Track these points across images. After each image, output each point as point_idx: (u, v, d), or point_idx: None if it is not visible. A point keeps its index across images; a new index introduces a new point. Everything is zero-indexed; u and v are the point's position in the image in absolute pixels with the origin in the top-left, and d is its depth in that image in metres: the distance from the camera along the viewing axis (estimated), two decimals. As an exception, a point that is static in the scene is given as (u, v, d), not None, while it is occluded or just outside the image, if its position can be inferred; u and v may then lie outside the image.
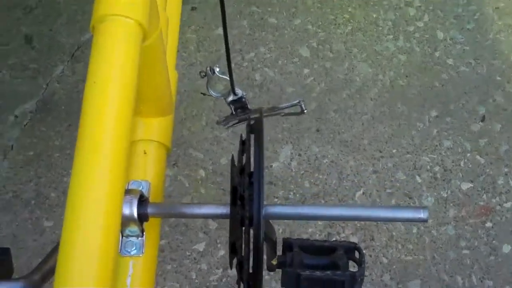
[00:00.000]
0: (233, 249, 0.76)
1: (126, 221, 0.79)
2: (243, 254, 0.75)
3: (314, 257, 0.80)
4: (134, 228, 0.83)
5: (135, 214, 0.78)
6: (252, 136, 0.81)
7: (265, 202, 0.75)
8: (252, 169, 0.76)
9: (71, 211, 0.55)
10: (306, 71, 1.87)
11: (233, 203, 0.76)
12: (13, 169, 1.67)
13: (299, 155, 1.70)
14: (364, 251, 0.84)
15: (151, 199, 0.90)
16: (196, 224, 1.59)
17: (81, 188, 0.57)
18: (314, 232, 1.58)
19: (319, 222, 1.59)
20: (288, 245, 0.82)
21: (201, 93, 1.28)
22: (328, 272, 0.77)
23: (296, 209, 0.82)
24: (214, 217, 0.82)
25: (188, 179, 1.66)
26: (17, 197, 1.63)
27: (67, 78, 1.84)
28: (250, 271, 0.75)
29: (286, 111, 1.14)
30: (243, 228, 0.75)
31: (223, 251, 1.55)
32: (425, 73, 1.88)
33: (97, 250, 0.54)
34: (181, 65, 1.85)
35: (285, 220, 1.59)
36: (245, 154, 0.80)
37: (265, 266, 0.77)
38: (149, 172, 0.96)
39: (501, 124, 1.78)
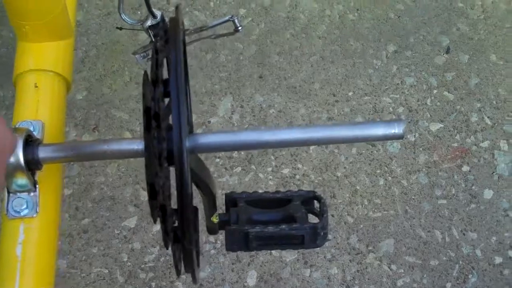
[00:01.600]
0: (153, 193, 0.58)
1: (11, 170, 0.65)
2: (164, 196, 0.59)
3: (265, 212, 0.69)
4: (23, 180, 0.68)
5: (21, 160, 0.64)
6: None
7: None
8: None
9: None
10: (242, 11, 1.62)
11: (147, 128, 0.58)
12: None
13: (241, 106, 1.46)
14: (325, 200, 0.66)
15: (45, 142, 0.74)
16: (124, 196, 1.34)
17: None
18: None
19: (270, 182, 1.36)
20: (232, 200, 0.71)
21: (117, 27, 1.04)
22: (283, 226, 0.66)
23: (231, 136, 0.63)
24: (126, 155, 0.66)
25: (111, 145, 1.40)
26: None
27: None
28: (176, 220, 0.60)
29: (217, 31, 0.97)
30: (164, 165, 0.58)
31: (158, 225, 1.30)
32: (378, 4, 1.65)
33: None
34: (97, 14, 1.58)
35: (230, 183, 1.35)
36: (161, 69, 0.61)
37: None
38: (41, 110, 0.79)
39: (469, 55, 1.56)
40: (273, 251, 1.29)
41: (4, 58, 1.49)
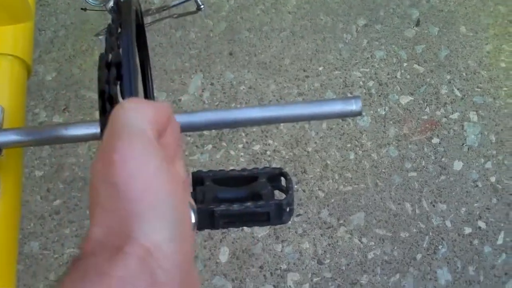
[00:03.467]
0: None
1: None
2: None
3: (230, 190, 0.67)
4: None
5: None
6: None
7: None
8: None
9: None
10: (211, -12, 1.61)
11: (102, 111, 0.56)
12: None
13: (212, 84, 1.46)
14: (291, 176, 0.66)
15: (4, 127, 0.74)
16: (95, 176, 1.34)
17: None
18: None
19: (241, 159, 1.36)
20: (198, 179, 0.68)
21: (82, 8, 1.04)
22: (249, 203, 0.64)
23: (197, 116, 0.65)
24: (85, 138, 0.67)
25: (82, 125, 1.40)
26: None
27: None
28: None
29: (180, 11, 0.93)
30: None
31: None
32: (348, -22, 1.64)
33: None
34: (64, -6, 1.58)
35: (201, 160, 1.35)
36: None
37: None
38: (1, 95, 0.78)
39: (438, 27, 1.56)
40: (244, 228, 1.29)
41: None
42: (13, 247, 0.75)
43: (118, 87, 0.60)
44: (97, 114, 1.34)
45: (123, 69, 0.57)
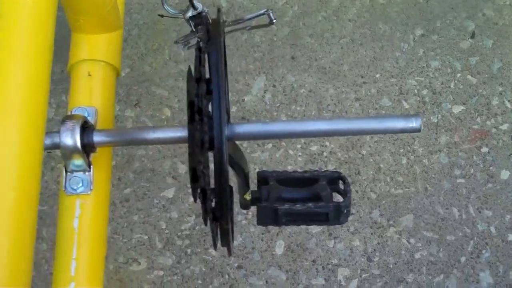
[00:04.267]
0: (194, 176, 0.67)
1: (69, 152, 0.73)
2: (205, 180, 0.67)
3: (293, 190, 0.76)
4: (79, 161, 0.76)
5: (79, 144, 0.72)
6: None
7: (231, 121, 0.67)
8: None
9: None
10: (276, -7, 1.70)
11: (190, 121, 0.66)
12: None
13: (274, 86, 1.55)
14: (349, 180, 0.74)
15: (98, 127, 0.82)
16: (163, 168, 1.44)
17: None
18: (293, 170, 1.44)
19: (299, 158, 1.45)
20: (263, 178, 0.77)
21: (159, 15, 1.13)
22: (310, 204, 0.72)
23: (266, 127, 0.72)
24: (171, 141, 0.75)
25: (152, 120, 1.50)
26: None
27: None
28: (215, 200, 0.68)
29: (253, 23, 1.03)
30: (205, 152, 0.66)
31: (195, 196, 1.41)
32: (407, -12, 1.71)
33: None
34: (138, -5, 1.68)
35: (261, 158, 1.44)
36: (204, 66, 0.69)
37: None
38: (95, 97, 0.88)
39: (493, 40, 1.62)
40: (300, 223, 1.39)
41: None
42: (104, 232, 0.85)
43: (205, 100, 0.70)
44: (165, 111, 1.44)
45: (213, 85, 0.65)
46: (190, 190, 1.38)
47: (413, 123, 0.71)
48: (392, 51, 1.60)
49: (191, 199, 1.40)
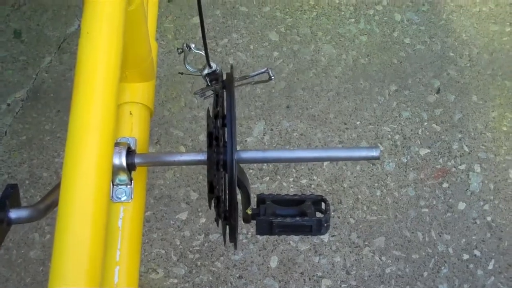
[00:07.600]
0: (211, 188, 0.80)
1: (116, 170, 0.86)
2: (219, 191, 0.81)
3: (284, 208, 0.89)
4: (123, 177, 0.90)
5: (124, 163, 0.85)
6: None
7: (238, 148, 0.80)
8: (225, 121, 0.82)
9: (69, 160, 0.63)
10: (275, 53, 2.00)
11: (209, 146, 0.81)
12: (7, 152, 1.79)
13: (271, 130, 1.84)
14: (330, 202, 0.92)
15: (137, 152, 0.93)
16: (178, 195, 1.71)
17: (76, 142, 0.64)
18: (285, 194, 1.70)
19: (291, 189, 1.73)
20: (261, 199, 0.91)
21: (179, 72, 1.37)
22: (298, 218, 0.85)
23: (265, 154, 0.87)
24: (194, 163, 0.88)
25: (170, 156, 1.77)
26: (12, 178, 1.73)
27: (55, 68, 1.96)
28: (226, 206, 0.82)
29: (256, 79, 1.19)
30: (219, 170, 0.80)
31: (204, 219, 1.68)
32: (385, 51, 2.02)
33: (92, 195, 0.62)
34: (160, 52, 1.98)
35: (260, 188, 1.72)
36: (219, 107, 0.85)
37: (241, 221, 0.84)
38: (135, 130, 1.03)
39: (455, 95, 1.92)
40: (290, 242, 1.64)
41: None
42: (140, 232, 0.96)
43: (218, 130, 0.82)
44: (181, 148, 1.74)
45: (227, 120, 0.81)
46: (200, 213, 1.66)
47: (373, 153, 0.84)
48: (371, 103, 1.90)
49: (201, 220, 1.68)
